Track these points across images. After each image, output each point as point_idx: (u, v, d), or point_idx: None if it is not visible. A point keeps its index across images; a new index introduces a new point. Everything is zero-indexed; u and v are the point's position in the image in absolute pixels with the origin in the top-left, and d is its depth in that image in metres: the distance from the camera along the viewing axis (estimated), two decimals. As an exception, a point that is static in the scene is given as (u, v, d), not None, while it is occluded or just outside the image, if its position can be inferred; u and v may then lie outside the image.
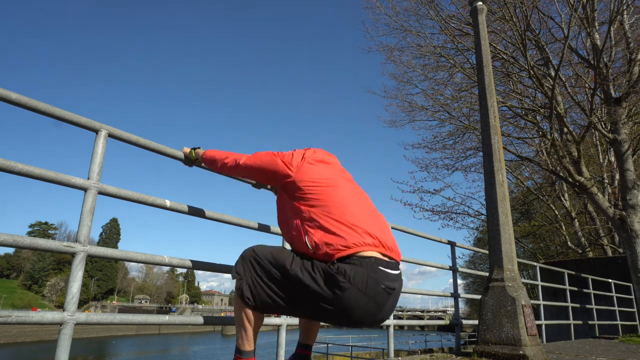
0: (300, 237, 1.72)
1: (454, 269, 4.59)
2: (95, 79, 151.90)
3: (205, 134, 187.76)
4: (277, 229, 2.54)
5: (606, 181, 12.40)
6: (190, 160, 2.22)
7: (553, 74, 7.97)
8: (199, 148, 2.20)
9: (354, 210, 1.71)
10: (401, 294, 1.85)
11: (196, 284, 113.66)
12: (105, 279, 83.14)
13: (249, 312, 1.77)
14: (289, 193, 1.84)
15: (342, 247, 1.60)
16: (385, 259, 1.65)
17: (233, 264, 2.30)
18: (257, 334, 1.81)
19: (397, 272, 1.68)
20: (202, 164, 2.23)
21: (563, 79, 9.00)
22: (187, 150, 2.21)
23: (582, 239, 14.64)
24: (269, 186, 2.52)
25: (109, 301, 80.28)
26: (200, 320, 2.13)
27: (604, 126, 8.69)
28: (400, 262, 1.80)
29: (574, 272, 7.37)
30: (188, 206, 2.14)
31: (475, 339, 4.66)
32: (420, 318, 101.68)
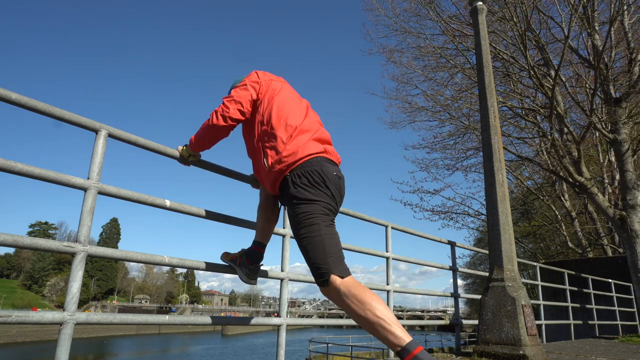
0: (260, 159, 1.89)
1: (454, 269, 4.60)
2: (95, 77, 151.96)
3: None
4: (279, 230, 2.54)
5: (606, 181, 12.39)
6: (184, 158, 2.16)
7: (553, 74, 7.96)
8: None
9: (297, 120, 1.87)
10: (401, 294, 1.89)
11: (196, 284, 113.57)
12: (105, 278, 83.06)
13: (350, 286, 1.59)
14: (251, 117, 2.01)
15: (292, 160, 1.77)
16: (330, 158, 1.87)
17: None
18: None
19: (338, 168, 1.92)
20: (196, 156, 2.17)
21: (563, 79, 9.00)
22: (180, 148, 2.16)
23: (582, 239, 14.62)
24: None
25: (109, 301, 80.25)
26: (201, 320, 2.13)
27: (604, 126, 8.68)
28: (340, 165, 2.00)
29: (574, 272, 7.36)
30: (188, 206, 2.14)
31: (475, 339, 4.66)
32: (421, 318, 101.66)
